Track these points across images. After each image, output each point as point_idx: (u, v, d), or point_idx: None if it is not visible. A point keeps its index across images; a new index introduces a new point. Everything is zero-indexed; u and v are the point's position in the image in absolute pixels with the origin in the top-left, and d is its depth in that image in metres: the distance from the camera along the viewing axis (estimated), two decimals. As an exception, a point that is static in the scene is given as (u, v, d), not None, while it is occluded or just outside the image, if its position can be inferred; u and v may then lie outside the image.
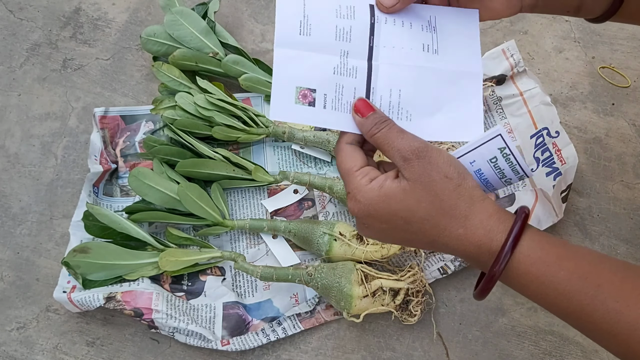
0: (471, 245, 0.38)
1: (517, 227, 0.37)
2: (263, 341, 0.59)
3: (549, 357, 0.61)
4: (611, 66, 0.79)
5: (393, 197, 0.38)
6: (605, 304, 0.35)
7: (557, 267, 0.36)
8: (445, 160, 0.38)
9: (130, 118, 0.73)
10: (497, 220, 0.38)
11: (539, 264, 0.36)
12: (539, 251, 0.37)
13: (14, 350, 0.61)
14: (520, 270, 0.37)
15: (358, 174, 0.40)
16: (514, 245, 0.36)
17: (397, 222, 0.39)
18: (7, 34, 0.80)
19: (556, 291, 0.36)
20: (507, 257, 0.36)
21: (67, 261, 0.60)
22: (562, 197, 0.65)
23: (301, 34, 0.40)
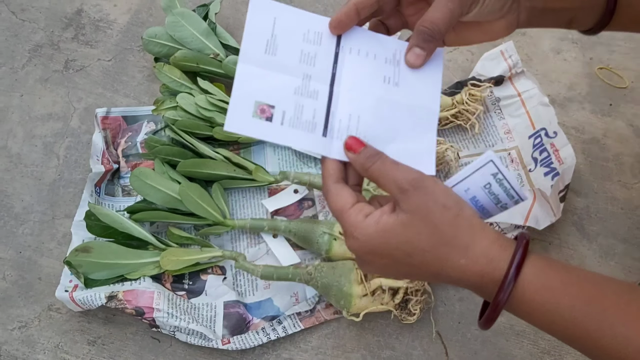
0: (474, 275, 0.37)
1: (519, 254, 0.36)
2: (263, 340, 0.60)
3: (548, 356, 0.61)
4: (609, 67, 0.80)
5: (391, 231, 0.37)
6: (613, 329, 0.35)
7: (562, 293, 0.36)
8: (442, 190, 0.38)
9: (131, 118, 0.73)
10: (498, 248, 0.37)
11: (542, 290, 0.36)
12: (542, 277, 0.36)
13: (16, 350, 0.61)
14: (524, 297, 0.36)
15: (352, 212, 0.39)
16: (517, 273, 0.36)
17: (398, 256, 0.38)
18: (10, 35, 0.81)
19: (562, 317, 0.36)
20: (510, 285, 0.36)
21: (69, 260, 0.60)
22: (560, 197, 0.65)
23: (266, 52, 0.40)
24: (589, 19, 0.49)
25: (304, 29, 0.42)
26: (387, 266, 0.39)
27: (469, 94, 0.72)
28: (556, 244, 0.67)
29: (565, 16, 0.49)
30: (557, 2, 0.47)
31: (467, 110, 0.72)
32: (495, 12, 0.44)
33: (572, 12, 0.48)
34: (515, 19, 0.46)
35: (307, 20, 0.42)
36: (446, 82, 0.78)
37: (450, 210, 0.37)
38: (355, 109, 0.41)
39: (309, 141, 0.40)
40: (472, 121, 0.72)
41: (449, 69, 0.79)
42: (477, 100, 0.72)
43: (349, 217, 0.39)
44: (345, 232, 0.39)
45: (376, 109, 0.41)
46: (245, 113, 0.39)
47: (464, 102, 0.72)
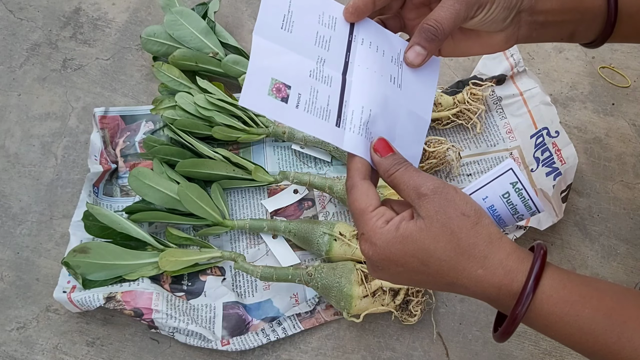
0: (491, 286, 0.36)
1: (537, 266, 0.36)
2: (263, 341, 0.59)
3: (549, 357, 0.61)
4: (611, 66, 0.79)
5: (409, 237, 0.37)
6: (632, 342, 0.34)
7: (581, 306, 0.35)
8: (462, 198, 0.37)
9: (130, 118, 0.73)
10: (516, 260, 0.36)
11: (561, 303, 0.36)
12: (561, 290, 0.36)
13: (14, 350, 0.61)
14: (543, 310, 0.36)
15: (374, 215, 0.38)
16: (535, 285, 0.35)
17: (413, 264, 0.37)
18: (7, 33, 0.80)
19: (581, 330, 0.35)
20: (529, 298, 0.35)
21: (67, 261, 0.60)
22: (562, 197, 0.65)
23: (282, 28, 0.39)
24: (590, 32, 0.49)
25: (319, 10, 0.41)
26: (400, 274, 0.39)
27: (470, 93, 0.72)
28: (558, 245, 0.67)
29: (566, 30, 0.48)
30: (557, 16, 0.46)
31: (469, 110, 0.71)
32: (499, 23, 0.44)
33: (572, 25, 0.48)
34: (514, 33, 0.46)
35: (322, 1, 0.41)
36: (448, 81, 0.77)
37: (469, 219, 0.36)
38: (367, 103, 0.40)
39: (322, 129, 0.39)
40: (473, 120, 0.71)
41: (451, 68, 0.79)
42: (478, 99, 0.71)
43: (369, 219, 0.38)
44: (362, 235, 0.38)
45: (384, 107, 0.41)
46: (261, 89, 0.38)
47: (466, 101, 0.71)
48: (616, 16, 0.47)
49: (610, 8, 0.47)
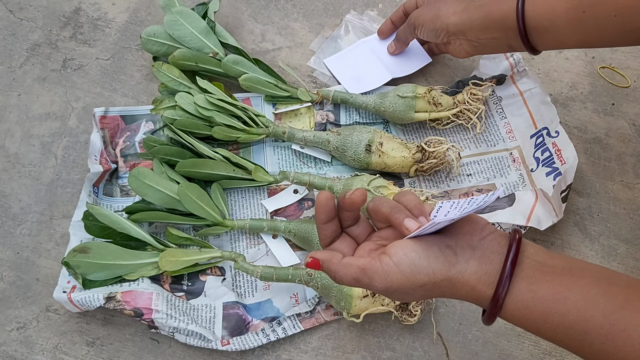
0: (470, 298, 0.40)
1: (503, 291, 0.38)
2: (263, 341, 0.59)
3: (549, 357, 0.61)
4: (611, 66, 0.79)
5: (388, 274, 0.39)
6: (592, 347, 0.37)
7: (542, 322, 0.38)
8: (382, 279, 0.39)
9: (130, 118, 0.73)
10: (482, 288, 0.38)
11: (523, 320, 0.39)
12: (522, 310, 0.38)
13: (14, 350, 0.61)
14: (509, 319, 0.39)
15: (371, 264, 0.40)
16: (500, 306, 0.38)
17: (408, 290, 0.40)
18: (7, 33, 0.80)
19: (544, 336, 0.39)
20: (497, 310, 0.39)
21: (67, 261, 0.60)
22: (562, 197, 0.65)
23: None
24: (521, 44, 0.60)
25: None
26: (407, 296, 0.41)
27: (470, 93, 0.71)
28: (558, 245, 0.67)
29: (502, 45, 0.63)
30: (488, 34, 0.62)
31: (469, 110, 0.71)
32: (435, 38, 0.68)
33: (505, 40, 0.61)
34: (460, 48, 0.67)
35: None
36: (448, 81, 0.77)
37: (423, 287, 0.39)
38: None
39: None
40: (473, 120, 0.71)
41: (450, 68, 0.79)
42: (478, 99, 0.71)
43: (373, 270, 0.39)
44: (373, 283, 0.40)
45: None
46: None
47: (466, 101, 0.71)
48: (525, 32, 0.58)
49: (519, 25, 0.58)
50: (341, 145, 0.68)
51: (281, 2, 0.84)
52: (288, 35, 0.81)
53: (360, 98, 0.72)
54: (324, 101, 0.75)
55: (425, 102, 0.70)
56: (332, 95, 0.73)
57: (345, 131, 0.69)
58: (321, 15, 0.83)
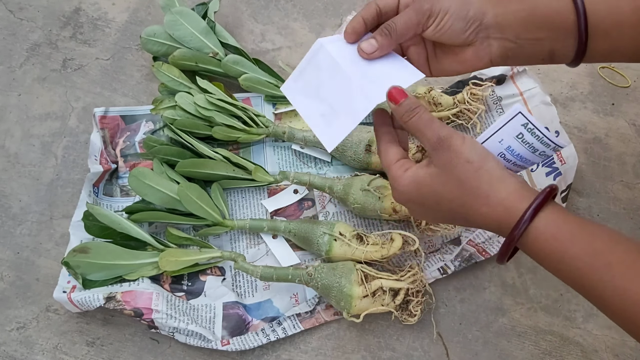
0: (494, 221, 0.42)
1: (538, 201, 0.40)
2: (263, 341, 0.59)
3: (549, 357, 0.61)
4: (611, 66, 0.79)
5: (422, 183, 0.44)
6: (614, 282, 0.37)
7: (570, 244, 0.39)
8: (467, 146, 0.42)
9: (130, 118, 0.73)
10: (516, 199, 0.41)
11: (551, 240, 0.39)
12: (553, 228, 0.39)
13: (14, 350, 0.61)
14: (535, 245, 0.40)
15: (395, 167, 0.46)
16: (532, 217, 0.40)
17: (429, 203, 0.45)
18: (7, 33, 0.80)
19: (567, 267, 0.39)
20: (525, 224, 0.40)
21: (67, 261, 0.60)
22: (562, 197, 0.65)
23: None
24: (567, 50, 0.48)
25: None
26: (424, 212, 0.47)
27: (470, 93, 0.72)
28: (558, 245, 0.67)
29: (543, 49, 0.48)
30: (527, 33, 0.47)
31: (469, 110, 0.71)
32: (458, 34, 0.46)
33: (548, 43, 0.47)
34: (486, 52, 0.48)
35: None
36: (448, 81, 0.77)
37: (472, 164, 0.42)
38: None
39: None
40: (473, 120, 0.71)
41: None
42: (478, 99, 0.71)
43: (392, 171, 0.46)
44: (390, 184, 0.47)
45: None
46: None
47: (466, 101, 0.71)
48: (587, 33, 0.46)
49: (580, 24, 0.46)
50: (341, 145, 0.68)
51: (281, 2, 0.84)
52: (288, 35, 0.81)
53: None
54: (324, 101, 0.74)
55: (425, 102, 0.70)
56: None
57: (345, 131, 0.69)
58: (321, 15, 0.83)
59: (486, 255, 0.63)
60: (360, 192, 0.63)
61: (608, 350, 0.61)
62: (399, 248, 0.60)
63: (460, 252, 0.63)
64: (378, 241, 0.61)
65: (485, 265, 0.65)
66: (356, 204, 0.64)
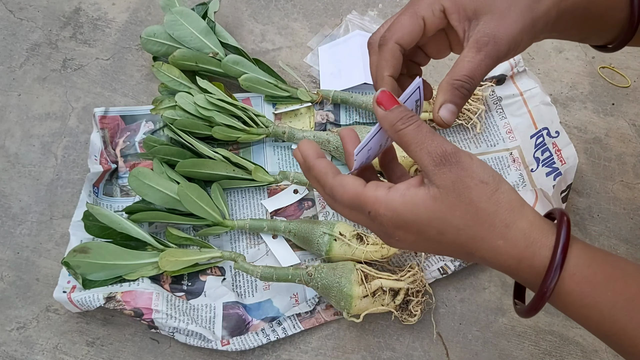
0: (511, 259, 0.35)
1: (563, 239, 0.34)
2: (263, 341, 0.59)
3: (549, 357, 0.61)
4: (611, 66, 0.79)
5: (422, 205, 0.35)
6: None
7: (604, 288, 0.34)
8: (478, 165, 0.35)
9: (130, 118, 0.73)
10: (539, 231, 0.34)
11: (584, 283, 0.34)
12: (585, 269, 0.34)
13: (14, 350, 0.61)
14: (563, 289, 0.34)
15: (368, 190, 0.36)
16: (562, 260, 0.34)
17: (429, 233, 0.35)
18: (7, 33, 0.80)
19: (600, 313, 0.34)
20: (556, 275, 0.34)
21: (67, 261, 0.60)
22: (562, 197, 0.65)
23: None
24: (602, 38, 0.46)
25: None
26: (417, 243, 0.37)
27: (470, 93, 0.71)
28: (558, 245, 0.67)
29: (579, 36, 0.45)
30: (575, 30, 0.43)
31: (469, 110, 0.71)
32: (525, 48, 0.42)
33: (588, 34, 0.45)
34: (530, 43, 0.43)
35: None
36: (447, 81, 0.77)
37: (488, 186, 0.34)
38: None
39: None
40: (473, 120, 0.71)
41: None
42: (478, 99, 0.71)
43: (367, 196, 0.36)
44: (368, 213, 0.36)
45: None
46: None
47: (465, 101, 0.71)
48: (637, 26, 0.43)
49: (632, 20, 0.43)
50: (341, 145, 0.68)
51: (281, 2, 0.84)
52: (288, 35, 0.81)
53: (361, 98, 0.72)
54: (324, 101, 0.75)
55: (425, 102, 0.70)
56: (332, 95, 0.73)
57: (345, 131, 0.69)
58: (321, 15, 0.83)
59: (486, 255, 0.63)
60: (360, 192, 0.63)
61: (608, 351, 0.61)
62: (399, 248, 0.60)
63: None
64: (378, 241, 0.61)
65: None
66: (356, 204, 0.64)
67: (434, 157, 0.34)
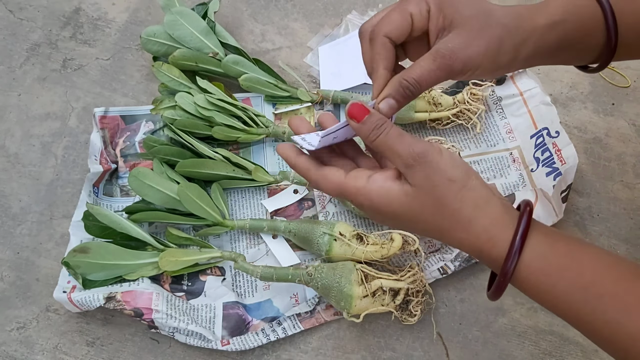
0: (474, 249, 0.39)
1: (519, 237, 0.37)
2: (263, 341, 0.59)
3: (549, 357, 0.61)
4: (611, 66, 0.79)
5: (396, 199, 0.38)
6: (606, 315, 0.35)
7: (558, 278, 0.36)
8: (448, 162, 0.37)
9: (130, 118, 0.73)
10: (501, 227, 0.38)
11: (539, 273, 0.37)
12: (540, 261, 0.37)
13: (14, 350, 0.61)
14: (520, 276, 0.37)
15: (349, 181, 0.39)
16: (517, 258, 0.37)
17: (402, 220, 0.40)
18: (7, 33, 0.80)
19: (556, 299, 0.37)
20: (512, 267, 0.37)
21: (67, 261, 0.60)
22: (562, 197, 0.65)
23: None
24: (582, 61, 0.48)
25: None
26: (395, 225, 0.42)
27: (470, 93, 0.71)
28: (558, 245, 0.67)
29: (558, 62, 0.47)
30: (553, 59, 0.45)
31: (469, 110, 0.71)
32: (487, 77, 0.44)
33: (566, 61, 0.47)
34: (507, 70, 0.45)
35: None
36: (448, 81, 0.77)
37: (455, 183, 0.37)
38: None
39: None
40: (473, 121, 0.71)
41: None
42: (478, 99, 0.71)
43: (348, 187, 0.39)
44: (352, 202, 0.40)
45: None
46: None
47: (466, 101, 0.71)
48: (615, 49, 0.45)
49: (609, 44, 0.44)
50: (341, 145, 0.68)
51: (281, 2, 0.84)
52: (288, 35, 0.81)
53: (360, 98, 0.72)
54: (324, 101, 0.75)
55: (425, 102, 0.70)
56: (332, 95, 0.73)
57: (345, 131, 0.69)
58: (321, 15, 0.83)
59: (486, 255, 0.63)
60: (360, 192, 0.63)
61: (608, 350, 0.61)
62: (398, 248, 0.60)
63: (460, 252, 0.63)
64: (378, 241, 0.61)
65: (485, 265, 0.65)
66: (356, 204, 0.64)
67: (404, 159, 0.37)
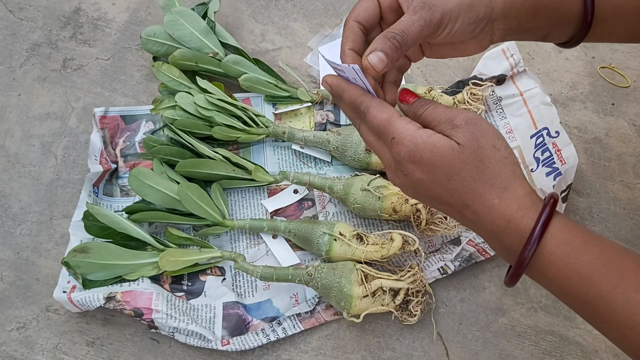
0: (501, 217, 0.38)
1: (548, 209, 0.37)
2: (263, 341, 0.59)
3: (549, 357, 0.61)
4: (611, 66, 0.79)
5: (440, 151, 0.39)
6: (626, 293, 0.35)
7: (582, 250, 0.37)
8: (495, 132, 0.39)
9: (130, 118, 0.73)
10: (531, 201, 0.38)
11: (564, 245, 0.37)
12: (566, 233, 0.37)
13: (14, 350, 0.61)
14: (545, 250, 0.37)
15: (402, 121, 0.40)
16: (543, 229, 0.37)
17: (438, 175, 0.39)
18: (7, 33, 0.80)
19: (578, 275, 0.37)
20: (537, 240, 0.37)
21: (67, 261, 0.60)
22: (562, 197, 0.65)
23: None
24: (563, 35, 0.50)
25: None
26: (422, 182, 0.40)
27: (470, 93, 0.72)
28: (558, 245, 0.67)
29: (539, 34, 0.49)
30: (530, 23, 0.47)
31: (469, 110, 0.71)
32: (467, 34, 0.45)
33: (546, 29, 0.49)
34: (488, 39, 0.47)
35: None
36: (448, 81, 0.77)
37: (499, 151, 0.39)
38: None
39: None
40: (473, 120, 0.71)
41: (451, 67, 0.79)
42: (478, 99, 0.71)
43: (399, 124, 0.40)
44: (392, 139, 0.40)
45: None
46: None
47: (466, 101, 0.71)
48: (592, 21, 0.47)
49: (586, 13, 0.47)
50: (341, 145, 0.68)
51: (281, 2, 0.84)
52: (288, 35, 0.81)
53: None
54: (324, 101, 0.75)
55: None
56: (332, 95, 0.73)
57: (345, 131, 0.69)
58: (321, 15, 0.83)
59: (486, 255, 0.63)
60: (360, 192, 0.63)
61: (608, 350, 0.61)
62: (399, 248, 0.60)
63: (460, 252, 0.63)
64: (378, 241, 0.61)
65: (485, 265, 0.65)
66: (356, 204, 0.64)
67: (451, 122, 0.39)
